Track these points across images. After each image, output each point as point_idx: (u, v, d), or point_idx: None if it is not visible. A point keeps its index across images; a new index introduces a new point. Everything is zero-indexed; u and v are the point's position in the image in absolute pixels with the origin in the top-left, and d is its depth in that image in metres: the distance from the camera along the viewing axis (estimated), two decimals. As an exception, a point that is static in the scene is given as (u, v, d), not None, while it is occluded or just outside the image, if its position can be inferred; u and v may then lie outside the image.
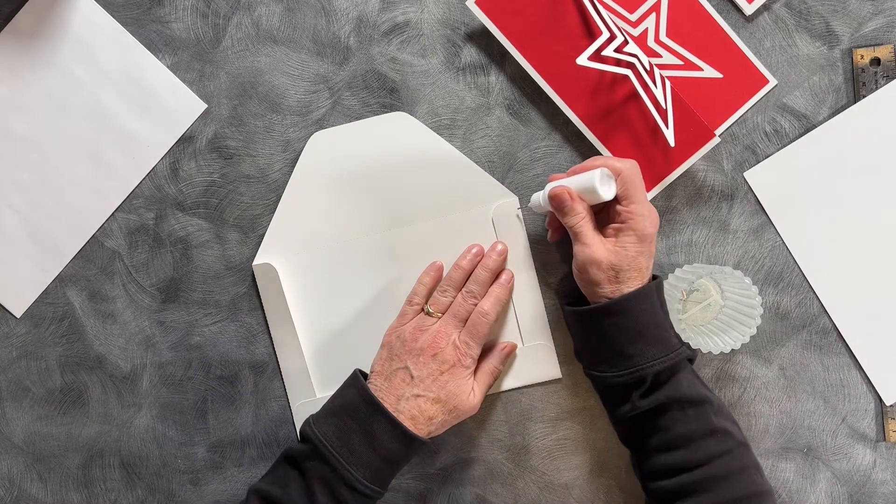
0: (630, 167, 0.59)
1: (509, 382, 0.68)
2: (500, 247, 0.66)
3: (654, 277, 0.61)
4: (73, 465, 0.70)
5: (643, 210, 0.58)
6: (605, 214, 0.61)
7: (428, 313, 0.64)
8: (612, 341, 0.59)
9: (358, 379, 0.62)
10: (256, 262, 0.68)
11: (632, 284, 0.58)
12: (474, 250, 0.66)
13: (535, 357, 0.68)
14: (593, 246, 0.58)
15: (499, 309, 0.65)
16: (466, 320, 0.64)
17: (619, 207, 0.59)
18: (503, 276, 0.66)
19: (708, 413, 0.58)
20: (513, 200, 0.67)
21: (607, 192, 0.58)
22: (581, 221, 0.59)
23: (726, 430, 0.58)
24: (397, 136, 0.67)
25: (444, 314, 0.64)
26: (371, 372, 0.64)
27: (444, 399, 0.62)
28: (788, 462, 0.68)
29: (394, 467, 0.61)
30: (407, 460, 0.61)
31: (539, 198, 0.63)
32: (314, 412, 0.63)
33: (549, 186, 0.61)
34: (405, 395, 0.61)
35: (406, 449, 0.60)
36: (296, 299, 0.68)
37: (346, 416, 0.60)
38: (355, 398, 0.61)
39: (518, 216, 0.67)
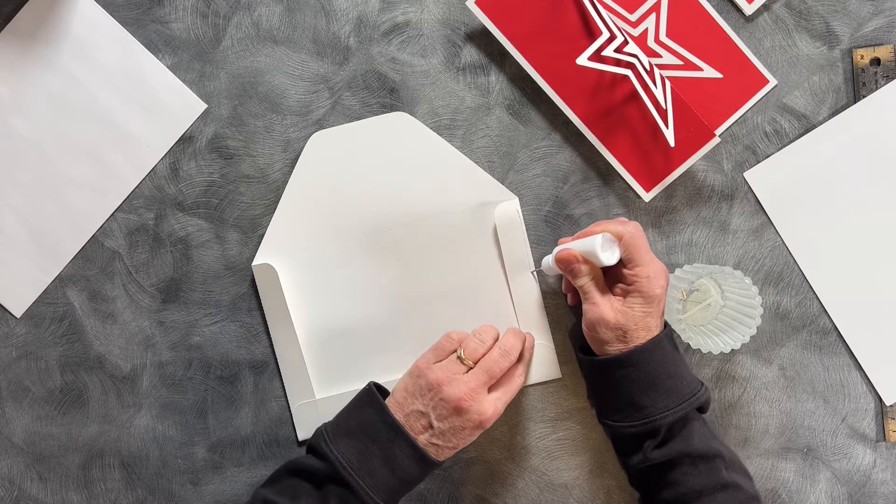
0: (632, 231, 0.59)
1: None
2: (528, 337, 0.67)
3: (665, 325, 0.61)
4: (73, 465, 0.70)
5: (648, 272, 0.58)
6: (615, 273, 0.61)
7: (460, 358, 0.62)
8: (624, 392, 0.59)
9: (376, 398, 0.61)
10: (256, 262, 0.68)
11: (638, 341, 0.58)
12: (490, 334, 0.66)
13: (535, 357, 0.68)
14: (602, 306, 0.59)
15: (526, 374, 0.66)
16: (497, 377, 0.62)
17: (624, 271, 0.59)
18: (528, 342, 0.67)
19: (719, 468, 0.58)
20: (514, 201, 0.67)
21: (609, 258, 0.59)
22: (588, 282, 0.60)
23: (737, 484, 0.58)
24: (398, 136, 0.67)
25: (475, 364, 0.62)
26: (393, 392, 0.63)
27: (462, 446, 0.62)
28: (788, 462, 0.68)
29: (408, 487, 0.61)
30: (421, 480, 0.62)
31: (549, 260, 0.64)
32: (325, 422, 0.62)
33: (557, 250, 0.62)
34: (421, 436, 0.60)
35: (423, 472, 0.61)
36: (295, 300, 0.68)
37: (366, 438, 0.60)
38: (375, 420, 0.60)
39: (519, 216, 0.67)
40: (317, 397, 0.68)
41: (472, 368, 0.61)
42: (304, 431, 0.69)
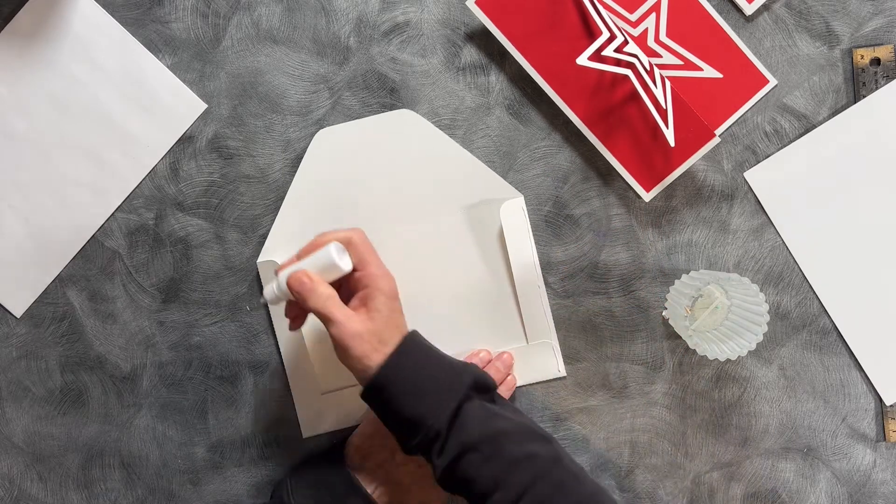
0: (357, 234, 0.58)
1: None
2: (505, 355, 0.67)
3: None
4: (73, 465, 0.70)
5: (379, 270, 0.58)
6: (343, 291, 0.59)
7: None
8: (398, 412, 0.56)
9: (339, 455, 0.63)
10: (261, 259, 0.68)
11: (395, 343, 0.57)
12: (481, 354, 0.67)
13: (539, 356, 0.68)
14: (349, 322, 0.55)
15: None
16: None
17: (357, 275, 0.58)
18: (509, 383, 0.67)
19: (504, 445, 0.55)
20: (519, 199, 0.67)
21: (347, 264, 0.57)
22: (328, 301, 0.56)
23: (530, 454, 0.55)
24: (403, 133, 0.67)
25: None
26: (353, 437, 0.65)
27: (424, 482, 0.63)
28: (788, 462, 0.68)
29: None
30: None
31: (273, 288, 0.59)
32: (291, 472, 0.65)
33: (283, 274, 0.58)
34: (384, 474, 0.62)
35: None
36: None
37: (325, 491, 0.62)
38: (332, 475, 0.62)
39: (524, 214, 0.67)
40: (321, 394, 0.68)
41: None
42: (310, 426, 0.69)
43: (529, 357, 0.68)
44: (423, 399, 0.55)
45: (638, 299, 0.68)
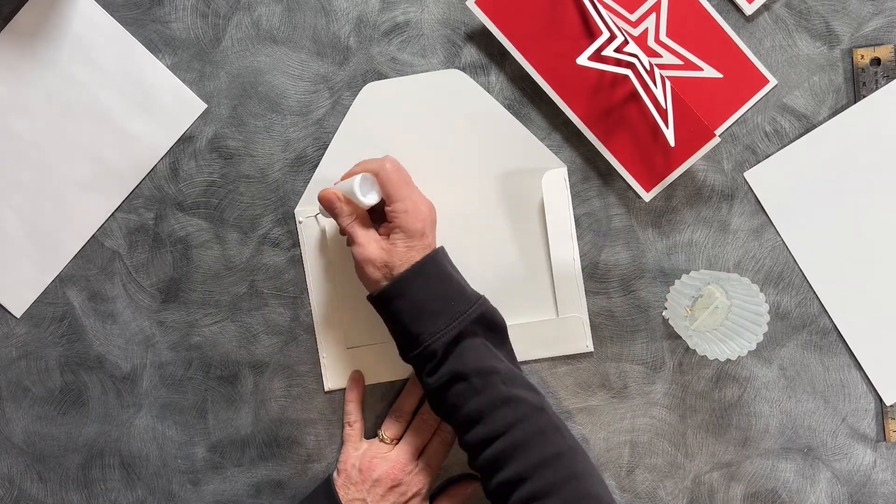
0: (385, 166, 0.60)
1: (538, 352, 0.68)
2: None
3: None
4: (73, 465, 0.70)
5: (406, 206, 0.59)
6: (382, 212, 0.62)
7: (382, 440, 0.65)
8: (400, 324, 0.59)
9: (330, 491, 0.64)
10: (298, 208, 0.68)
11: None
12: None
13: (566, 329, 0.67)
14: (366, 245, 0.59)
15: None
16: (422, 447, 0.65)
17: (386, 208, 0.60)
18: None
19: (495, 383, 0.57)
20: (562, 169, 0.67)
21: (370, 199, 0.60)
22: (351, 222, 0.60)
23: (518, 397, 0.57)
24: (451, 93, 0.67)
25: (398, 440, 0.65)
26: (335, 482, 0.65)
27: None
28: (788, 462, 0.68)
29: None
30: None
31: (320, 206, 0.63)
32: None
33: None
34: None
35: None
36: (335, 252, 0.68)
37: None
38: None
39: (566, 184, 0.67)
40: (346, 346, 0.68)
41: (397, 443, 0.65)
42: (333, 381, 0.69)
43: (558, 330, 0.68)
44: (424, 318, 0.58)
45: (638, 299, 0.68)
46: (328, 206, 0.61)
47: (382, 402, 0.69)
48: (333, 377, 0.69)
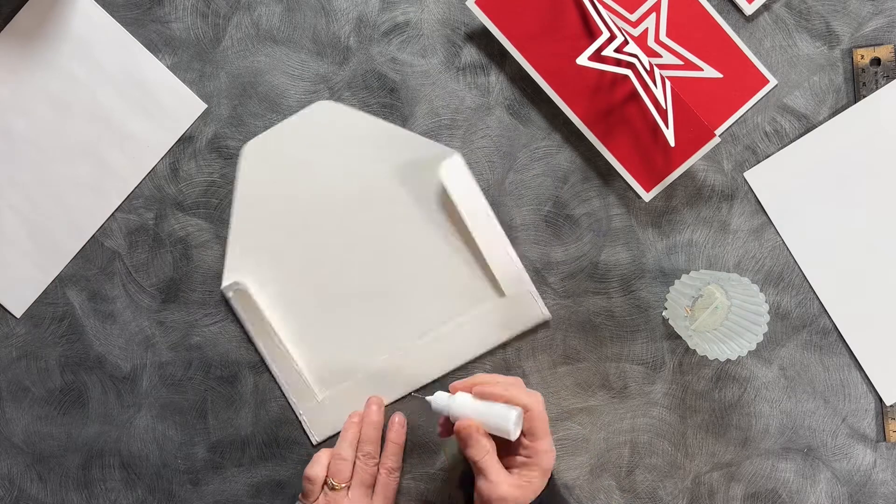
0: (538, 403, 0.58)
1: (499, 336, 0.67)
2: (397, 419, 0.67)
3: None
4: (73, 465, 0.70)
5: (547, 446, 0.58)
6: (504, 444, 0.60)
7: (332, 487, 0.64)
8: None
9: None
10: (225, 284, 0.68)
11: None
12: (354, 419, 0.67)
13: (518, 305, 0.67)
14: (499, 484, 0.57)
15: (401, 455, 0.66)
16: (374, 484, 0.65)
17: (524, 442, 0.58)
18: (395, 420, 0.67)
19: None
20: (455, 155, 0.67)
21: (517, 433, 0.57)
22: (486, 456, 0.57)
23: None
24: (326, 125, 0.67)
25: (349, 485, 0.64)
26: None
27: None
28: (788, 462, 0.68)
29: None
30: None
31: (441, 405, 0.60)
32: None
33: (457, 406, 0.59)
34: None
35: None
36: (272, 309, 0.68)
37: None
38: None
39: (464, 168, 0.66)
40: (319, 399, 0.68)
41: (348, 487, 0.64)
42: (319, 432, 0.69)
43: (509, 308, 0.67)
44: None
45: (638, 299, 0.68)
46: (464, 436, 0.58)
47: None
48: (318, 429, 0.69)
